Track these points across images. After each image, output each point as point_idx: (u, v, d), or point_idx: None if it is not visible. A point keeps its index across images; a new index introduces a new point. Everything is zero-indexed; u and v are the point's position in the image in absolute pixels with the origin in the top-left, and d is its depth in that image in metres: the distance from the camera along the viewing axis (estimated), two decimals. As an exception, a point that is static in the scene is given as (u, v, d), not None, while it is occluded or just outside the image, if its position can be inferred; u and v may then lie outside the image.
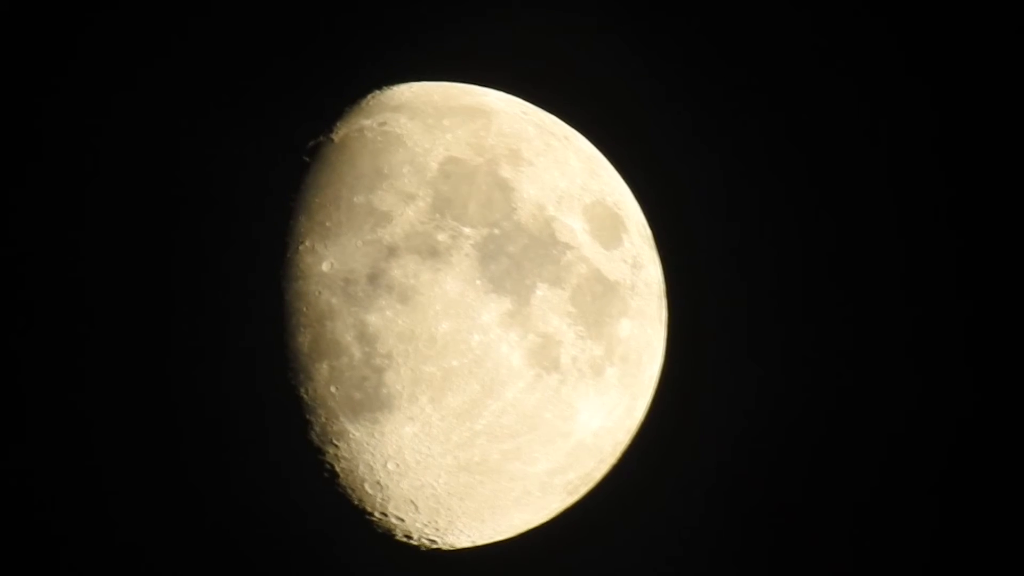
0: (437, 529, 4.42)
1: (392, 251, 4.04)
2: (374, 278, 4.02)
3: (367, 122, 4.36)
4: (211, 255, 4.38)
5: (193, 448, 4.70)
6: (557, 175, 4.37)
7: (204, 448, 4.62)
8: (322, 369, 4.05)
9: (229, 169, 4.57)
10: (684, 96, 5.97)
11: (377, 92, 4.58)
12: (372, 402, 4.04)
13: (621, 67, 5.93)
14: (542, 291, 4.14)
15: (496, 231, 4.13)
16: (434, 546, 4.55)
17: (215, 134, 4.94)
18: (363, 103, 4.51)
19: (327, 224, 4.10)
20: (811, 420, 5.91)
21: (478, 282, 4.06)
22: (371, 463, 4.16)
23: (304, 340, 4.05)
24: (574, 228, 4.29)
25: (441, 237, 4.06)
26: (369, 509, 4.31)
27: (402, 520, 4.36)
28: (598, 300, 4.27)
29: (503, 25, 5.81)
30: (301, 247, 4.10)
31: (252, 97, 5.40)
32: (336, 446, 4.14)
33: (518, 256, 4.12)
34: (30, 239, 5.51)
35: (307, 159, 4.31)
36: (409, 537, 4.46)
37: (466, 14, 5.83)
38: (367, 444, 4.12)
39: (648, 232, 4.75)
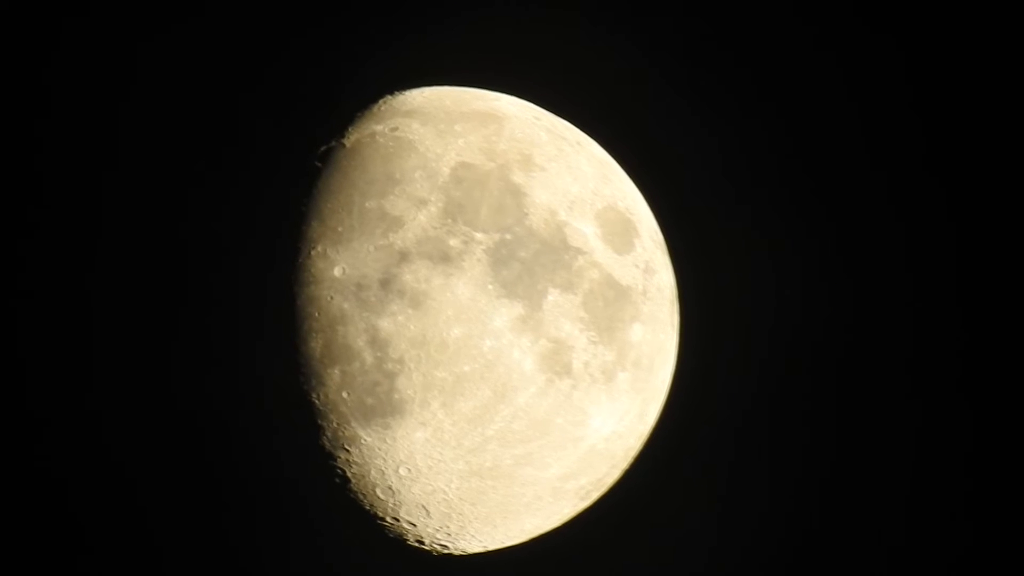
0: (449, 534, 4.42)
1: (404, 256, 4.04)
2: (386, 283, 4.02)
3: (379, 127, 4.36)
4: (223, 260, 4.39)
5: (204, 453, 4.71)
6: (569, 180, 4.37)
7: (215, 453, 4.63)
8: (334, 374, 4.05)
9: (241, 174, 4.58)
10: (696, 101, 5.96)
11: (389, 97, 4.59)
12: (384, 407, 4.04)
13: (633, 72, 5.92)
14: (554, 296, 4.13)
15: (508, 236, 4.12)
16: (446, 551, 4.55)
17: (226, 139, 4.95)
18: (375, 108, 4.51)
19: (339, 229, 4.10)
20: (822, 424, 5.89)
21: (490, 287, 4.05)
22: (383, 468, 4.16)
23: (316, 345, 4.05)
24: (586, 233, 4.28)
25: (453, 242, 4.06)
26: (381, 514, 4.31)
27: (414, 525, 4.35)
28: (610, 305, 4.26)
29: (515, 30, 5.81)
30: (313, 252, 4.10)
31: (263, 102, 5.41)
32: (348, 451, 4.15)
33: (530, 261, 4.12)
34: (40, 242, 5.53)
35: (319, 164, 4.31)
36: (421, 542, 4.46)
37: (478, 19, 5.83)
38: (379, 449, 4.12)
39: (660, 237, 4.74)
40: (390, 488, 4.21)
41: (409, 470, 4.15)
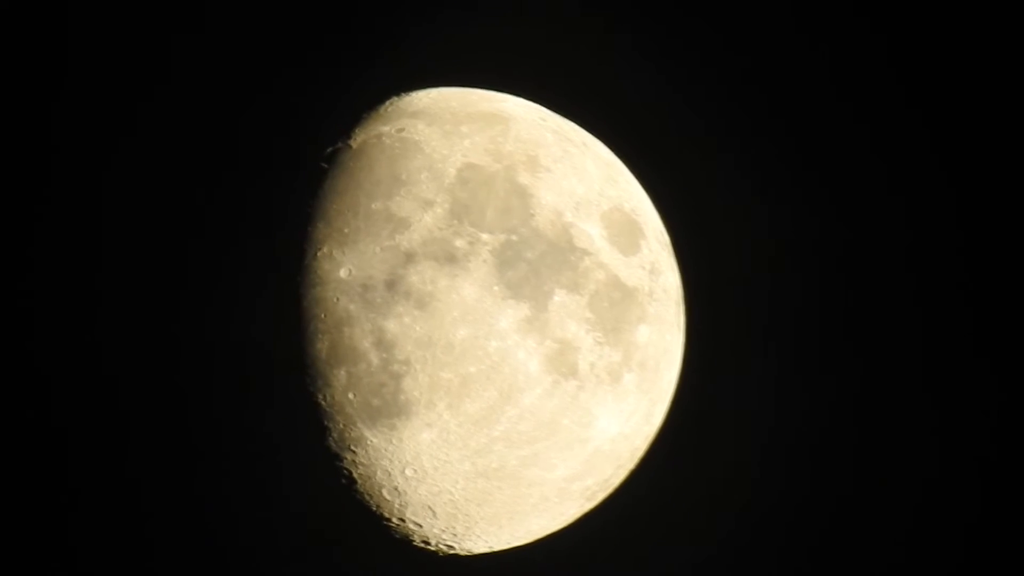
0: (455, 535, 4.42)
1: (410, 257, 4.04)
2: (392, 284, 4.02)
3: (385, 128, 4.36)
4: (229, 261, 4.39)
5: (209, 455, 4.72)
6: (575, 181, 4.37)
7: (220, 455, 4.63)
8: (340, 375, 4.05)
9: (247, 175, 4.58)
10: (702, 102, 5.96)
11: (395, 98, 4.59)
12: (390, 408, 4.04)
13: (639, 74, 5.92)
14: (560, 297, 4.13)
15: (514, 237, 4.12)
16: (452, 552, 4.55)
17: (232, 140, 4.95)
18: (381, 109, 4.51)
19: (345, 230, 4.10)
20: (829, 425, 5.89)
21: (496, 288, 4.05)
22: (389, 469, 4.16)
23: (322, 346, 4.06)
24: (592, 234, 4.28)
25: (459, 243, 4.06)
26: (387, 515, 4.32)
27: (420, 526, 4.36)
28: (616, 306, 4.26)
29: (521, 31, 5.82)
30: (319, 253, 4.11)
31: (269, 103, 5.41)
32: (354, 452, 4.15)
33: (536, 262, 4.12)
34: (42, 244, 5.54)
35: (325, 165, 4.31)
36: (427, 543, 4.46)
37: (484, 20, 5.83)
38: (385, 450, 4.12)
39: (666, 238, 4.74)
40: (396, 489, 4.21)
41: (415, 471, 4.15)
